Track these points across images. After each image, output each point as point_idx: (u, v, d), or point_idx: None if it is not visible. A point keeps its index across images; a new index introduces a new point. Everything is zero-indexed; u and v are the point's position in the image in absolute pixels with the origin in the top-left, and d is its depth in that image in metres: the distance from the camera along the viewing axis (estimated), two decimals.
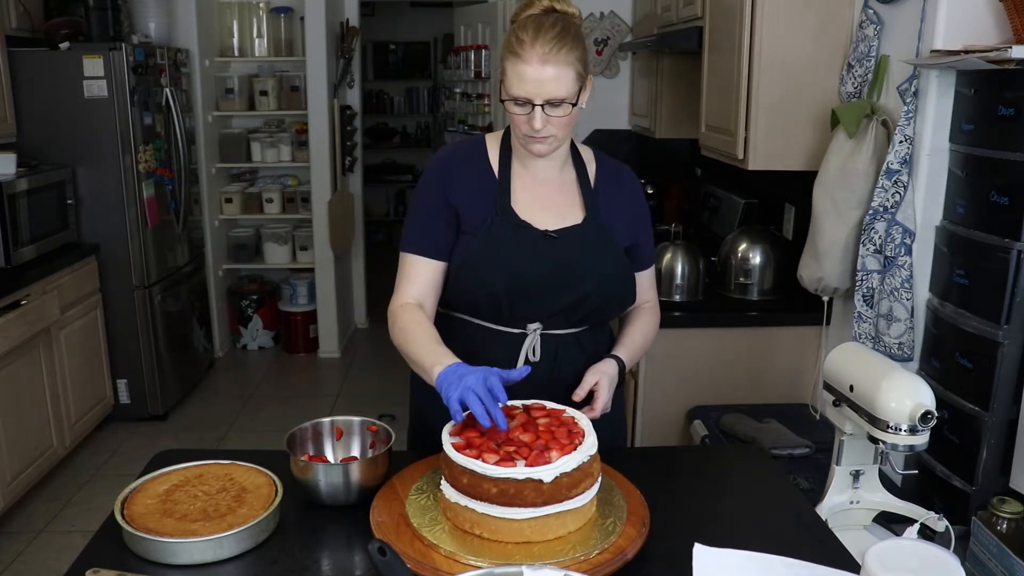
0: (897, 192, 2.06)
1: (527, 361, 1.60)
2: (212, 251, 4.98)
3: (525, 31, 1.46)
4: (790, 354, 2.70)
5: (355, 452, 1.54)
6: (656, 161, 4.33)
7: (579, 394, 1.55)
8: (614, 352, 1.65)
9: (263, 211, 5.16)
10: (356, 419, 1.55)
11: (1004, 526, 1.63)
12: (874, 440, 1.54)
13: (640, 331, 1.72)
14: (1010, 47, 1.65)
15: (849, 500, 1.69)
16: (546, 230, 1.58)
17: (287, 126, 5.21)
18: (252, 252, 5.26)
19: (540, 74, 1.44)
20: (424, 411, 1.72)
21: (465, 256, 1.57)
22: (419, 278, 1.59)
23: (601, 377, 1.56)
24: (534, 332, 1.60)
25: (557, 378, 1.61)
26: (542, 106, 1.47)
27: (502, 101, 1.52)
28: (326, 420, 1.55)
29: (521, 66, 1.45)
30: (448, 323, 1.64)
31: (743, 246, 2.83)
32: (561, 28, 1.46)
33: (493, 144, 1.65)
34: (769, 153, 2.53)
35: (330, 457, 1.53)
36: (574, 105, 1.50)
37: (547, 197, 1.62)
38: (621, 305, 1.71)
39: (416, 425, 1.77)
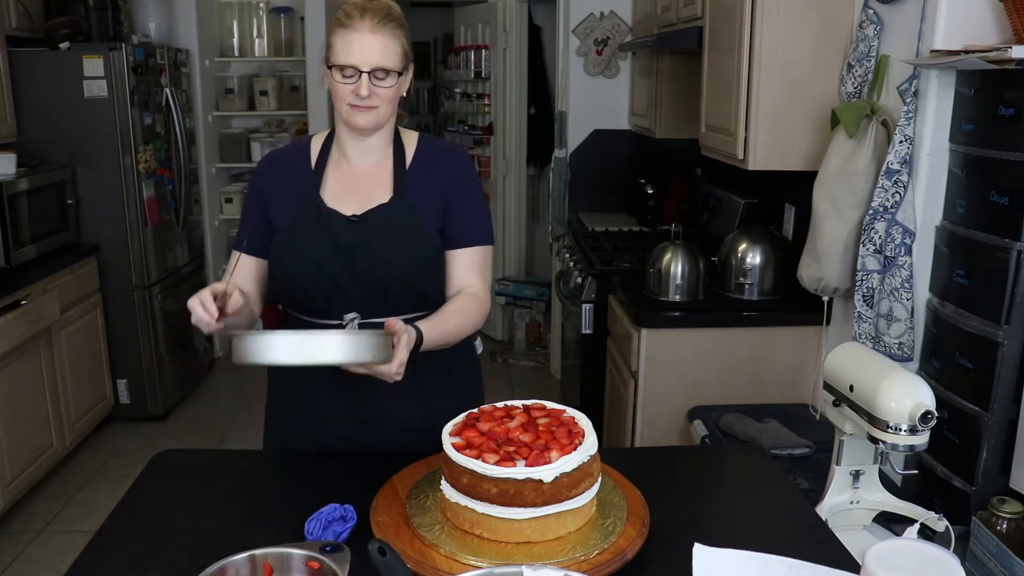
0: (897, 192, 2.06)
1: None
2: (212, 251, 4.98)
3: (354, 8, 1.55)
4: (790, 354, 2.70)
5: None
6: (656, 161, 4.33)
7: (390, 322, 1.46)
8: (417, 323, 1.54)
9: None
10: (295, 552, 1.15)
11: (1004, 526, 1.63)
12: (874, 440, 1.54)
13: (453, 311, 1.62)
14: (1010, 47, 1.65)
15: (849, 500, 1.69)
16: (352, 215, 1.61)
17: (287, 126, 5.21)
18: None
19: (368, 43, 1.52)
20: (281, 410, 1.75)
21: (274, 250, 1.62)
22: (236, 273, 1.64)
23: (403, 333, 1.45)
24: (351, 323, 1.60)
25: None
26: (369, 75, 1.52)
27: (326, 86, 1.58)
28: (241, 557, 1.13)
29: (350, 34, 1.53)
30: (280, 318, 1.69)
31: (743, 246, 2.83)
32: (387, 10, 1.56)
33: (318, 141, 1.70)
34: (769, 153, 2.53)
35: None
36: (400, 74, 1.56)
37: (358, 183, 1.65)
38: (436, 288, 1.65)
39: (271, 423, 1.78)
